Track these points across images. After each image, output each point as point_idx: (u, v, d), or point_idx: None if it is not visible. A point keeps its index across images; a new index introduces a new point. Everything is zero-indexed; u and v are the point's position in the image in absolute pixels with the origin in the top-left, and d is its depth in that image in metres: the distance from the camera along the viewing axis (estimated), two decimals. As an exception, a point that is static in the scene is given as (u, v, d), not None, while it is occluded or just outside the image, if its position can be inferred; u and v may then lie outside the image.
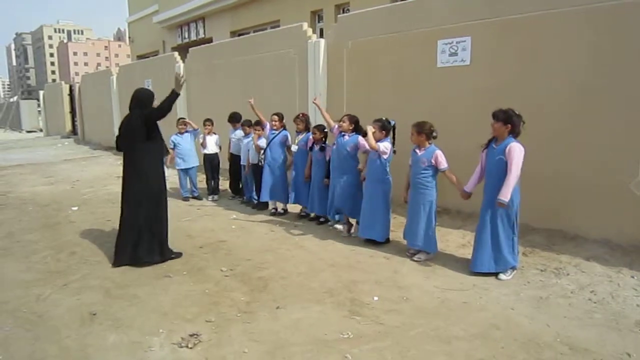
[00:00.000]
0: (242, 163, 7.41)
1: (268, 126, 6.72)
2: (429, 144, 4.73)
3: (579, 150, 5.02)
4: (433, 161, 4.66)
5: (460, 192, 4.57)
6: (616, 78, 4.72)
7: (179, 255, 5.00)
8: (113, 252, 4.86)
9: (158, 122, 4.74)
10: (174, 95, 4.60)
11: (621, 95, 4.70)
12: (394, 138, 5.17)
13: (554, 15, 5.09)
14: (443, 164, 4.66)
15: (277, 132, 6.61)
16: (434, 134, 4.71)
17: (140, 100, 4.73)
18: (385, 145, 5.02)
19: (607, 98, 4.79)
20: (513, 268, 4.34)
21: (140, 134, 4.62)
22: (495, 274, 4.30)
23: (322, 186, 6.00)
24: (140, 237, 4.73)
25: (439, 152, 4.68)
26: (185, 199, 7.84)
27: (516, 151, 4.10)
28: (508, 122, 4.16)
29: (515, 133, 4.19)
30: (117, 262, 4.74)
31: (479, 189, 4.50)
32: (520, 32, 5.38)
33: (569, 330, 3.32)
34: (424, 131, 4.68)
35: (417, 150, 4.77)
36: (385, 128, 5.05)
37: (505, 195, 4.07)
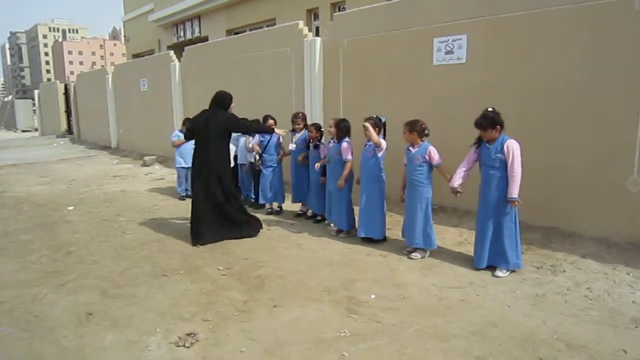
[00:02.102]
0: (239, 162, 7.40)
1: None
2: (422, 141, 4.75)
3: (575, 148, 5.04)
4: (427, 157, 4.70)
5: (452, 189, 4.55)
6: (611, 76, 4.74)
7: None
8: (190, 233, 5.41)
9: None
10: (268, 130, 6.05)
11: (616, 93, 4.72)
12: (384, 135, 5.18)
13: (549, 14, 5.10)
14: (436, 159, 4.70)
15: (269, 135, 6.59)
16: (426, 131, 4.74)
17: (220, 101, 5.51)
18: (384, 143, 5.06)
19: (603, 96, 4.81)
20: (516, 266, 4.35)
21: (221, 134, 5.37)
22: (492, 270, 4.32)
23: (320, 185, 6.01)
24: (216, 218, 5.38)
25: (432, 148, 4.72)
26: (181, 198, 7.82)
27: (515, 148, 4.17)
28: (496, 124, 4.20)
29: (503, 128, 4.24)
30: (196, 241, 5.32)
31: (473, 188, 4.51)
32: (516, 30, 5.39)
33: (565, 327, 3.33)
34: (416, 129, 4.72)
35: (411, 148, 4.80)
36: (377, 125, 5.07)
37: (515, 192, 4.16)
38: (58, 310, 3.75)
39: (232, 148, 7.20)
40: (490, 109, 4.24)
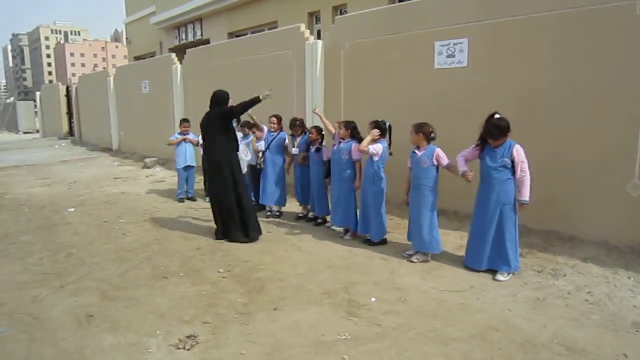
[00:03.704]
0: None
1: (266, 129, 6.72)
2: (428, 144, 4.75)
3: (576, 152, 5.03)
4: (434, 161, 4.69)
5: (465, 176, 4.47)
6: (612, 79, 4.74)
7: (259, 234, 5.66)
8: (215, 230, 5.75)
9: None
10: (253, 100, 5.45)
11: (617, 97, 4.72)
12: (389, 139, 5.18)
13: (550, 18, 5.11)
14: (445, 160, 4.69)
15: (275, 134, 6.60)
16: (432, 135, 4.73)
17: (218, 99, 5.64)
18: (375, 147, 5.04)
19: (604, 99, 4.81)
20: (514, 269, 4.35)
21: (218, 129, 5.52)
22: (493, 273, 4.32)
23: (322, 187, 6.02)
24: (227, 218, 5.55)
25: (439, 151, 4.70)
26: (180, 200, 7.82)
27: (522, 152, 4.23)
28: (508, 131, 4.23)
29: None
30: (218, 236, 5.65)
31: (474, 192, 4.51)
32: (517, 34, 5.40)
33: (565, 331, 3.33)
34: (422, 131, 4.71)
35: (417, 151, 4.78)
36: (380, 129, 5.07)
37: (527, 195, 4.24)
38: (58, 312, 3.75)
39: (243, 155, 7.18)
40: (497, 116, 4.24)
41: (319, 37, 9.28)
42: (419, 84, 6.42)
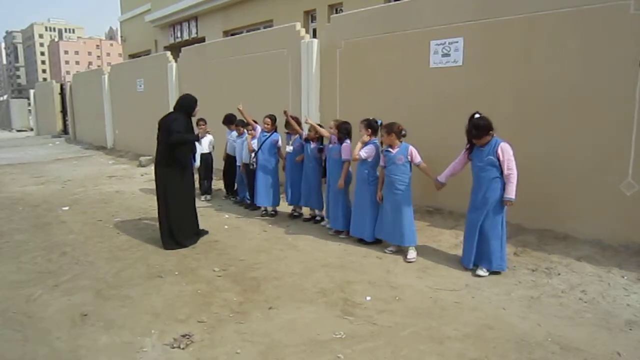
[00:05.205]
0: (237, 164, 7.40)
1: (259, 128, 6.71)
2: (400, 142, 4.85)
3: (570, 151, 5.05)
4: (409, 157, 4.81)
5: (434, 183, 4.72)
6: (606, 79, 4.76)
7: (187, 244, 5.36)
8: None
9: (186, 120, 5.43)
10: (193, 139, 5.40)
11: (611, 96, 4.74)
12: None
13: (545, 17, 5.12)
14: (417, 158, 4.84)
15: (268, 134, 6.59)
16: (403, 132, 4.85)
17: (183, 105, 5.44)
18: (366, 150, 5.08)
19: (598, 99, 4.83)
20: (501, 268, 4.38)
21: (166, 153, 5.24)
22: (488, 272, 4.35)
23: (318, 183, 6.04)
24: (164, 224, 5.31)
25: (412, 148, 4.85)
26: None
27: (509, 150, 4.24)
28: (490, 130, 4.25)
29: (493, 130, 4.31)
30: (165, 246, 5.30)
31: (468, 191, 4.52)
32: (512, 33, 5.41)
33: (560, 330, 3.34)
34: (394, 130, 4.82)
35: (391, 150, 4.87)
36: (372, 127, 5.09)
37: (512, 193, 4.24)
38: (52, 311, 3.73)
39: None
40: (477, 116, 4.27)
41: (314, 36, 9.27)
42: (414, 82, 6.43)
